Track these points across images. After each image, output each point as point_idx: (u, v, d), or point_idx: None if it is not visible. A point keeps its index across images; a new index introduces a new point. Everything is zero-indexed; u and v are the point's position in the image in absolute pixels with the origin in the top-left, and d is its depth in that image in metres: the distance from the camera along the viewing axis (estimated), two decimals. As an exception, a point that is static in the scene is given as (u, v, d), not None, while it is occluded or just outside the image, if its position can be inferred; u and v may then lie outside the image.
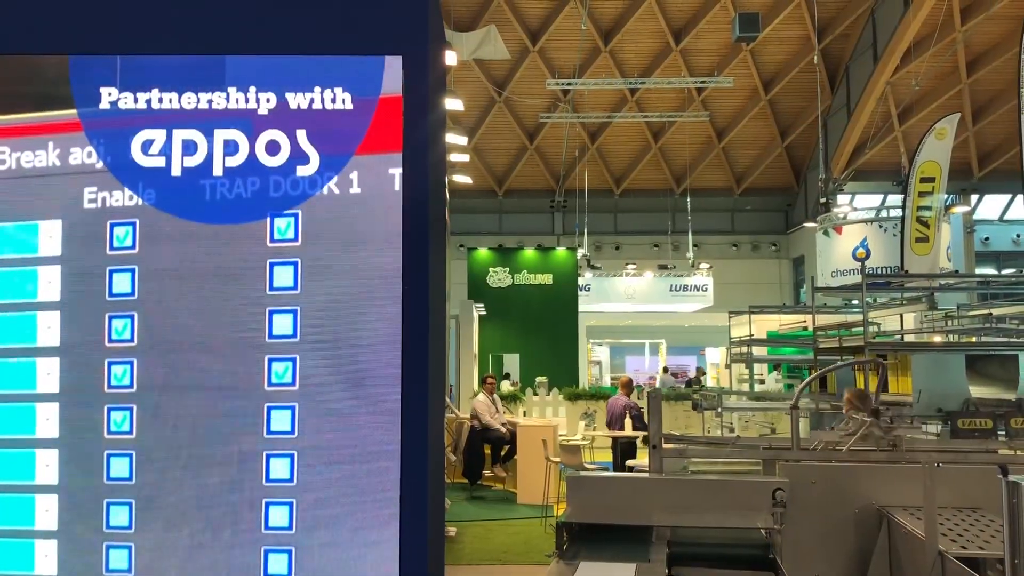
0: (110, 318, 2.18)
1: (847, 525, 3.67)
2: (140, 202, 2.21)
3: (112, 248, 2.20)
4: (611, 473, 9.33)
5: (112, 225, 2.21)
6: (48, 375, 2.17)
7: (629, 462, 9.76)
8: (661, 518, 3.26)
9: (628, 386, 11.90)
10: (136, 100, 2.25)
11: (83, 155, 2.23)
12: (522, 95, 24.76)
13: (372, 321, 2.17)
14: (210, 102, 2.26)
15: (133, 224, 2.21)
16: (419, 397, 2.17)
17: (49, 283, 2.20)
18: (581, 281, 23.74)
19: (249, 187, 2.23)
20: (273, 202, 2.22)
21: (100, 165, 2.22)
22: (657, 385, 24.06)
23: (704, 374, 19.30)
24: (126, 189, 2.22)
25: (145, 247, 2.20)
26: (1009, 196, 26.05)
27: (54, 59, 2.25)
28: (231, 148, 2.25)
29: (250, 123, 2.25)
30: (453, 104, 13.43)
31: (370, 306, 2.17)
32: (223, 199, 2.23)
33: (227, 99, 2.26)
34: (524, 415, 15.29)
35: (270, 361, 2.16)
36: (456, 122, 19.10)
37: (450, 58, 12.33)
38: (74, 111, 2.24)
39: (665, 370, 27.01)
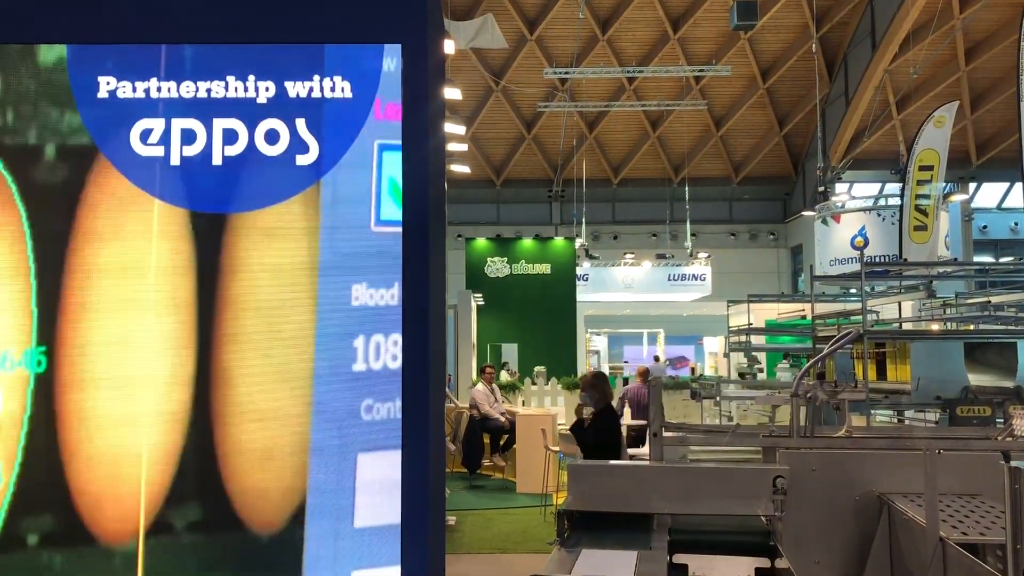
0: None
1: (847, 512, 3.68)
2: (138, 190, 2.20)
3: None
4: (612, 461, 9.34)
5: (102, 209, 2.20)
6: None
7: (630, 451, 9.77)
8: (662, 506, 3.27)
9: (646, 375, 12.09)
10: (135, 89, 2.24)
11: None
12: (520, 84, 24.70)
13: (371, 310, 2.17)
14: (209, 91, 2.25)
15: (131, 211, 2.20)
16: (420, 387, 2.17)
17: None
18: (579, 271, 23.73)
19: (248, 176, 2.22)
20: (273, 191, 2.22)
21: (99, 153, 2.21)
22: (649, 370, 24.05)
23: (755, 363, 18.24)
24: (123, 176, 2.21)
25: (144, 235, 2.19)
26: (1007, 184, 26.05)
27: (52, 48, 2.24)
28: (230, 137, 2.24)
29: (249, 112, 2.24)
30: (451, 93, 13.40)
31: (369, 295, 2.17)
32: (222, 188, 2.22)
33: (226, 88, 2.25)
34: (523, 405, 15.31)
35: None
36: (454, 111, 19.06)
37: (447, 47, 12.29)
38: (72, 100, 2.23)
39: (656, 359, 27.10)
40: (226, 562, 2.14)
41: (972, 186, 25.87)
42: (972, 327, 12.10)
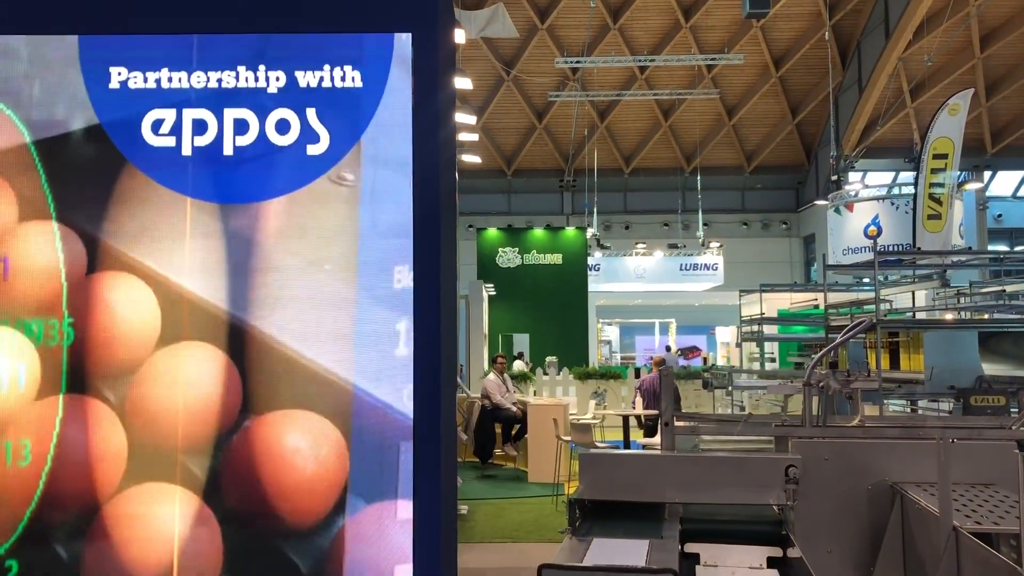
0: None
1: (860, 501, 3.67)
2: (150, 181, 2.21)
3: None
4: (623, 450, 9.36)
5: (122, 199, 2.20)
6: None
7: (642, 440, 9.79)
8: (674, 495, 3.27)
9: (662, 365, 12.25)
10: (146, 80, 2.24)
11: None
12: (531, 74, 24.63)
13: (383, 299, 2.17)
14: (219, 81, 2.25)
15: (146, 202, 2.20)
16: (432, 376, 2.17)
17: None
18: (591, 261, 23.69)
19: (260, 166, 2.22)
20: (284, 181, 2.22)
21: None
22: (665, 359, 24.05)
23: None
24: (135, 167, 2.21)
25: (157, 225, 2.20)
26: (1022, 172, 25.81)
27: (64, 39, 2.24)
28: (241, 127, 2.24)
29: (260, 102, 2.24)
30: (462, 83, 13.37)
31: (381, 285, 2.17)
32: (234, 178, 2.22)
33: (236, 78, 2.25)
34: (534, 395, 15.33)
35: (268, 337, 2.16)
36: (464, 101, 19.04)
37: (458, 36, 12.26)
38: (84, 91, 2.23)
39: (668, 349, 27.05)
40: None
41: (987, 174, 25.65)
42: (986, 316, 12.02)
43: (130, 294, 2.18)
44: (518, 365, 17.71)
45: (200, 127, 2.24)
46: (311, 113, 2.24)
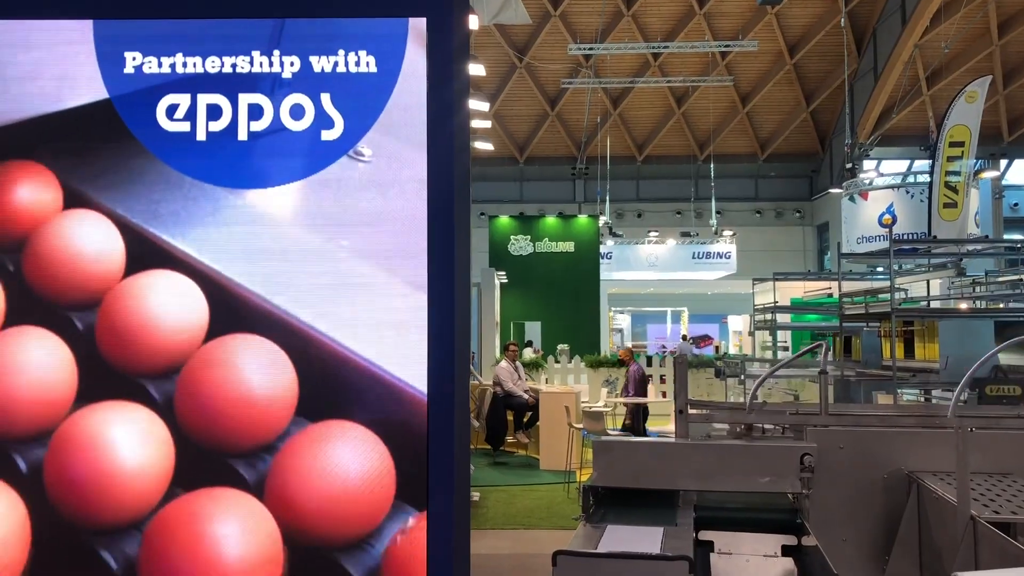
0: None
1: (876, 490, 3.66)
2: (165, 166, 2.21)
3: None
4: (637, 438, 9.37)
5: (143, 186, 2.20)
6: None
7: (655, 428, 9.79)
8: (688, 482, 3.26)
9: (628, 355, 12.66)
10: (160, 64, 2.24)
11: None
12: (543, 60, 24.54)
13: (398, 284, 2.17)
14: (234, 66, 2.24)
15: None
16: (446, 367, 2.17)
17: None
18: (603, 249, 23.64)
19: (274, 151, 2.22)
20: (298, 166, 2.21)
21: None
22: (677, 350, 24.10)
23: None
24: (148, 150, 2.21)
25: (172, 212, 2.20)
26: (1039, 161, 25.58)
27: (77, 23, 2.24)
28: (256, 112, 2.23)
29: (274, 87, 2.23)
30: (474, 69, 13.33)
31: (395, 270, 2.17)
32: (248, 163, 2.21)
33: (251, 63, 2.24)
34: (546, 382, 15.35)
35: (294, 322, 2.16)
36: (477, 88, 18.98)
37: (471, 22, 12.20)
38: (99, 75, 2.23)
39: (684, 338, 27.03)
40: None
41: (1003, 162, 25.42)
42: (1002, 305, 11.93)
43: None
44: (527, 353, 17.73)
45: (214, 112, 2.23)
46: (325, 98, 2.23)
